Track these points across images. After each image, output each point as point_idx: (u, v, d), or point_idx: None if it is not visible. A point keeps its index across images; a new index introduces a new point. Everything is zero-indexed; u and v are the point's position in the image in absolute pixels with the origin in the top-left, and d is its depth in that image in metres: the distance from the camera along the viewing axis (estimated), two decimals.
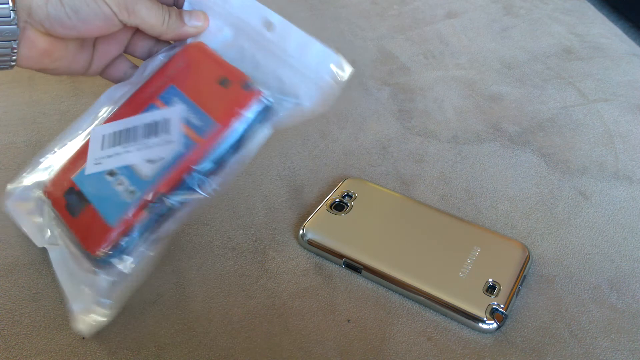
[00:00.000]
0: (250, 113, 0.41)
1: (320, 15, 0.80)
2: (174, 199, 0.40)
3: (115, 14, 0.42)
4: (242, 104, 0.40)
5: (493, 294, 0.42)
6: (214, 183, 0.41)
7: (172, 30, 0.44)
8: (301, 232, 0.47)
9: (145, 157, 0.40)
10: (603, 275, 0.45)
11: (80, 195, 0.42)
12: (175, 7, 0.45)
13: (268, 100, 0.41)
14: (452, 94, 0.65)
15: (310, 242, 0.46)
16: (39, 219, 0.44)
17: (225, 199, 0.51)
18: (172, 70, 0.44)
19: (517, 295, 0.43)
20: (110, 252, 0.39)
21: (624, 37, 0.75)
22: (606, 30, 0.76)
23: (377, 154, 0.57)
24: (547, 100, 0.64)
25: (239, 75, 0.42)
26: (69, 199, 0.42)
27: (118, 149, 0.41)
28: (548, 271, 0.45)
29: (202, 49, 0.44)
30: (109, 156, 0.41)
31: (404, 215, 0.48)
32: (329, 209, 0.49)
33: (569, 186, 0.53)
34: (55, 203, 0.43)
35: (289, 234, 0.48)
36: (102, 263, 0.39)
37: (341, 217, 0.48)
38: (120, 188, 0.40)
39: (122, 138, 0.42)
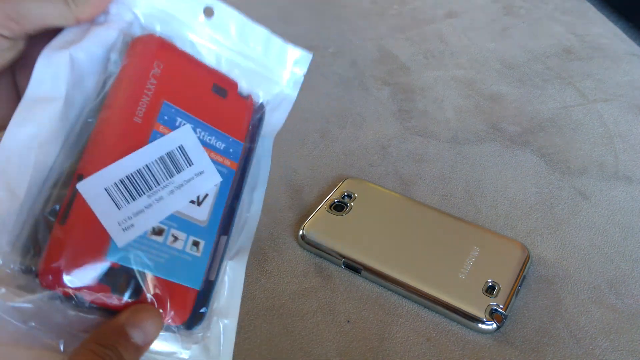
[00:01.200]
0: (256, 124, 0.36)
1: (320, 15, 0.80)
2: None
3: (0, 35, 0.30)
4: (248, 114, 0.35)
5: (492, 294, 0.42)
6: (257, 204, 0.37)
7: (85, 5, 0.31)
8: (301, 232, 0.47)
9: (185, 199, 0.32)
10: (602, 275, 0.45)
11: (128, 271, 0.30)
12: None
13: (263, 106, 0.36)
14: (452, 94, 0.65)
15: (310, 243, 0.46)
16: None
17: None
18: (149, 80, 0.32)
19: (516, 295, 0.43)
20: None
21: (624, 37, 0.75)
22: (606, 30, 0.76)
23: (376, 154, 0.57)
24: (547, 100, 0.64)
25: (227, 80, 0.35)
26: (114, 281, 0.29)
27: (143, 200, 0.30)
28: (547, 271, 0.45)
29: (166, 45, 0.33)
30: (138, 213, 0.30)
31: (403, 216, 0.48)
32: (329, 209, 0.49)
33: (569, 186, 0.53)
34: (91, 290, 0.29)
35: (288, 235, 0.48)
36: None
37: (341, 218, 0.48)
38: (178, 245, 0.31)
39: (137, 185, 0.31)
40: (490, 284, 0.43)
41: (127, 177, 0.30)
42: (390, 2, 0.83)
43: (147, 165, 0.31)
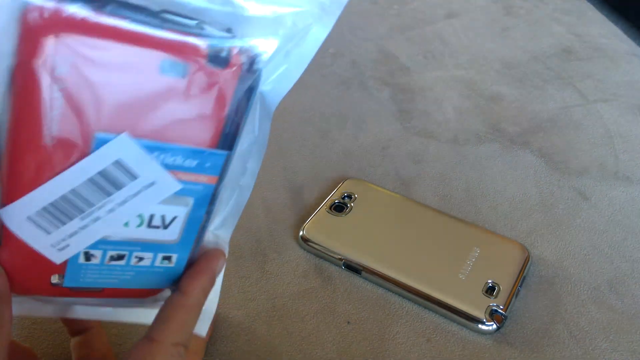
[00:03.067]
0: (239, 102, 0.26)
1: None
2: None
3: None
4: (227, 90, 0.25)
5: (492, 295, 0.42)
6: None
7: None
8: (301, 233, 0.47)
9: (133, 213, 0.27)
10: (602, 276, 0.45)
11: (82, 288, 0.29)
12: None
13: (258, 66, 0.25)
14: (452, 94, 0.65)
15: (310, 244, 0.46)
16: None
17: None
18: (52, 84, 0.22)
19: (516, 296, 0.43)
20: None
21: (624, 37, 0.75)
22: (606, 30, 0.76)
23: (376, 155, 0.57)
24: (547, 101, 0.64)
25: (183, 47, 0.23)
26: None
27: (75, 222, 0.26)
28: (547, 272, 0.45)
29: (68, 22, 0.21)
30: (72, 234, 0.27)
31: (403, 216, 0.48)
32: (329, 210, 0.49)
33: (569, 187, 0.53)
34: (49, 293, 0.29)
35: (288, 235, 0.48)
36: None
37: (341, 218, 0.48)
38: (145, 262, 0.29)
39: (65, 210, 0.26)
40: (490, 284, 0.43)
41: (50, 204, 0.25)
42: (390, 2, 0.83)
43: (73, 190, 0.25)
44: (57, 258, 0.27)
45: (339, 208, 0.49)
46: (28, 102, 0.23)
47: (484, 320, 0.41)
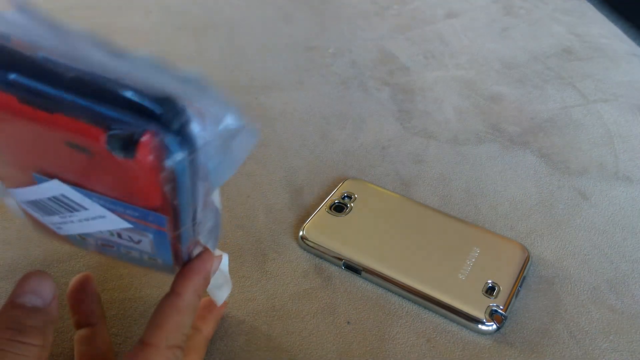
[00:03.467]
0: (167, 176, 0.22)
1: (320, 15, 0.80)
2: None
3: None
4: (147, 187, 0.22)
5: (492, 295, 0.42)
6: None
7: None
8: (301, 233, 0.47)
9: (94, 228, 0.27)
10: (602, 276, 0.45)
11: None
12: None
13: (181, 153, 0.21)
14: (452, 94, 0.65)
15: (310, 244, 0.46)
16: None
17: (224, 200, 0.51)
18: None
19: (516, 296, 0.43)
20: None
21: (624, 37, 0.75)
22: (606, 30, 0.76)
23: (376, 155, 0.57)
24: (547, 101, 0.64)
25: (87, 132, 0.20)
26: None
27: (57, 218, 0.27)
28: (547, 272, 0.45)
29: None
30: (61, 223, 0.28)
31: (403, 216, 0.48)
32: (329, 210, 0.49)
33: (569, 187, 0.53)
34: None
35: (288, 236, 0.48)
36: None
37: (341, 218, 0.48)
38: (135, 255, 0.30)
39: (44, 208, 0.27)
40: (490, 284, 0.43)
41: (31, 201, 0.27)
42: (390, 2, 0.83)
43: (39, 200, 0.26)
44: (59, 232, 0.29)
45: (338, 208, 0.49)
46: None
47: (484, 320, 0.41)
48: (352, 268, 0.45)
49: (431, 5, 0.82)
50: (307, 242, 0.46)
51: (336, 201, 0.49)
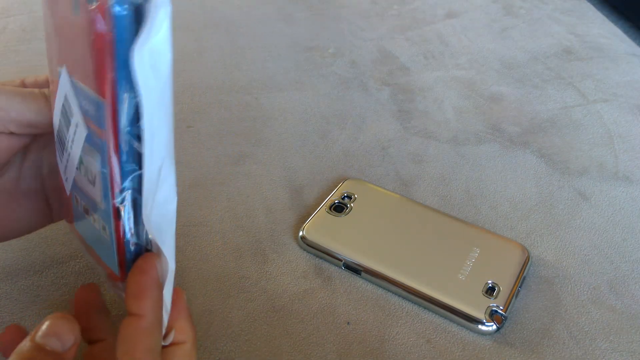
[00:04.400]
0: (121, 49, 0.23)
1: (320, 15, 0.80)
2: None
3: None
4: (101, 39, 0.23)
5: (492, 295, 0.42)
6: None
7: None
8: (301, 233, 0.47)
9: (75, 151, 0.29)
10: (602, 276, 0.45)
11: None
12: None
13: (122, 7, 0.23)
14: (452, 94, 0.65)
15: (310, 244, 0.46)
16: None
17: (224, 200, 0.51)
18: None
19: (516, 296, 0.43)
20: None
21: (624, 37, 0.75)
22: (606, 30, 0.76)
23: (376, 155, 0.57)
24: (547, 101, 0.64)
25: None
26: None
27: (65, 155, 0.31)
28: (547, 272, 0.45)
29: None
30: (65, 168, 0.32)
31: (403, 217, 0.48)
32: (329, 210, 0.49)
33: (569, 187, 0.53)
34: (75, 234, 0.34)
35: (288, 236, 0.48)
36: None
37: (341, 219, 0.48)
38: (97, 225, 0.30)
39: (60, 137, 0.31)
40: (490, 285, 0.43)
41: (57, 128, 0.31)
42: (390, 2, 0.83)
43: (62, 105, 0.29)
44: (67, 189, 0.31)
45: (338, 208, 0.49)
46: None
47: (484, 320, 0.41)
48: (352, 268, 0.45)
49: (431, 5, 0.82)
50: (307, 242, 0.46)
51: (336, 201, 0.49)
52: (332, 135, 0.59)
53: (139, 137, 0.25)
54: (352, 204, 0.49)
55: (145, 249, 0.29)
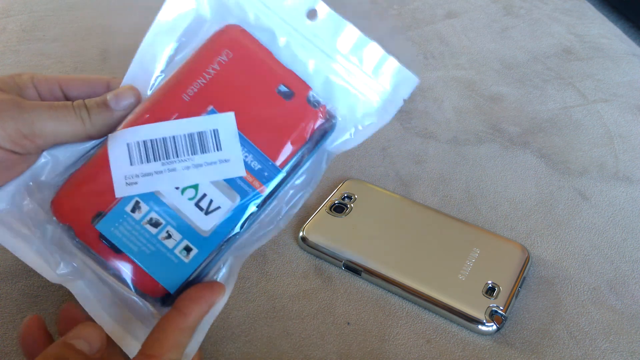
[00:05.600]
0: (313, 141, 0.33)
1: None
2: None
3: (11, 151, 0.31)
4: (309, 125, 0.33)
5: (492, 296, 0.42)
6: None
7: (100, 125, 0.33)
8: (301, 234, 0.47)
9: (197, 179, 0.32)
10: (602, 276, 0.45)
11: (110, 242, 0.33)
12: (90, 98, 0.34)
13: (335, 121, 0.34)
14: (452, 94, 0.65)
15: (310, 244, 0.46)
16: (44, 246, 0.33)
17: None
18: (212, 64, 0.33)
19: (516, 297, 0.43)
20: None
21: (624, 37, 0.75)
22: (606, 30, 0.76)
23: (376, 155, 0.57)
24: (547, 101, 0.64)
25: (299, 83, 0.33)
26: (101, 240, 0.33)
27: (156, 165, 0.32)
28: (547, 272, 0.45)
29: (243, 36, 0.33)
30: (146, 175, 0.32)
31: (403, 217, 0.48)
32: (329, 211, 0.49)
33: (569, 187, 0.53)
34: (80, 232, 0.33)
35: (288, 236, 0.48)
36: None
37: (341, 219, 0.48)
38: (169, 243, 0.32)
39: (157, 150, 0.32)
40: (490, 285, 0.43)
41: (150, 140, 0.32)
42: (390, 2, 0.83)
43: (173, 137, 0.32)
44: (120, 191, 0.32)
45: (338, 209, 0.49)
46: (191, 68, 0.33)
47: (484, 321, 0.41)
48: (352, 269, 0.45)
49: (431, 5, 0.82)
50: (307, 242, 0.46)
51: (336, 202, 0.49)
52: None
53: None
54: (352, 205, 0.49)
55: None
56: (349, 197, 0.50)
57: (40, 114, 0.31)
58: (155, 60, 0.34)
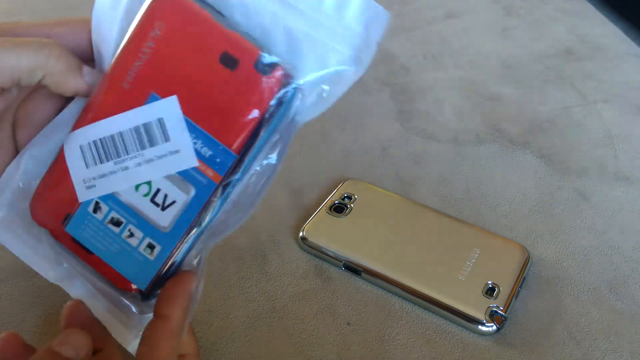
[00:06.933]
0: (270, 114, 0.28)
1: None
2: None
3: None
4: (261, 96, 0.28)
5: (492, 296, 0.42)
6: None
7: (64, 66, 0.30)
8: (301, 234, 0.47)
9: (152, 175, 0.30)
10: (602, 276, 0.45)
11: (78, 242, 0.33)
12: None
13: (295, 85, 0.28)
14: (452, 94, 0.65)
15: (310, 245, 0.46)
16: (40, 246, 0.33)
17: None
18: (147, 42, 0.29)
19: (516, 297, 0.43)
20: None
21: (624, 37, 0.75)
22: (606, 30, 0.76)
23: (376, 155, 0.57)
24: (547, 101, 0.64)
25: (245, 48, 0.28)
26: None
27: (109, 165, 0.31)
28: (547, 273, 0.45)
29: (176, 4, 0.29)
30: (102, 176, 0.31)
31: (403, 217, 0.48)
32: (329, 211, 0.49)
33: (569, 187, 0.53)
34: (56, 234, 0.33)
35: (288, 237, 0.48)
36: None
37: (341, 219, 0.48)
38: (133, 241, 0.31)
39: (107, 150, 0.31)
40: (490, 285, 0.43)
41: (100, 139, 0.30)
42: (391, 2, 0.83)
43: (120, 133, 0.30)
44: (82, 195, 0.31)
45: (338, 209, 0.49)
46: (125, 52, 0.30)
47: (484, 321, 0.41)
48: (352, 269, 0.45)
49: (431, 5, 0.82)
50: (307, 243, 0.46)
51: (336, 202, 0.49)
52: (332, 136, 0.59)
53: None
54: (352, 205, 0.49)
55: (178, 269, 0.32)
56: (349, 197, 0.50)
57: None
58: (106, 41, 0.31)
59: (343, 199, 0.50)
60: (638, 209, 0.51)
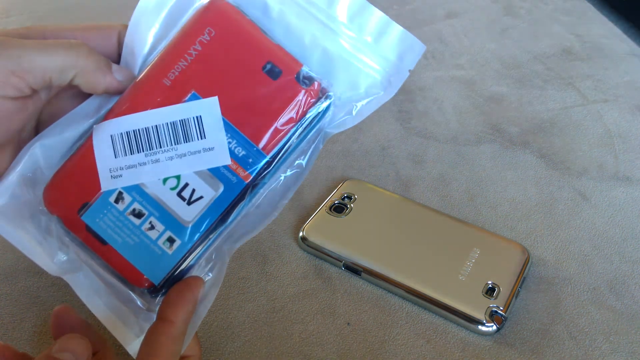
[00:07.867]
0: (305, 123, 0.31)
1: None
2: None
3: (3, 96, 0.29)
4: (297, 109, 0.31)
5: (492, 296, 0.42)
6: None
7: (94, 64, 0.30)
8: (301, 234, 0.47)
9: (182, 169, 0.31)
10: (602, 276, 0.45)
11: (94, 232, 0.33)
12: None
13: (330, 100, 0.31)
14: (452, 94, 0.65)
15: (310, 245, 0.46)
16: (42, 237, 0.33)
17: None
18: (194, 45, 0.31)
19: (516, 297, 0.43)
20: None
21: (624, 37, 0.75)
22: (606, 30, 0.76)
23: (376, 155, 0.57)
24: (547, 101, 0.64)
25: (288, 61, 0.31)
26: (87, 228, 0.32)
27: (139, 157, 0.31)
28: (547, 273, 0.45)
29: (228, 12, 0.31)
30: (130, 167, 0.32)
31: (403, 217, 0.48)
32: (329, 211, 0.49)
33: (569, 187, 0.53)
34: (68, 223, 0.32)
35: (288, 237, 0.48)
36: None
37: (341, 219, 0.48)
38: (152, 234, 0.32)
39: (140, 142, 0.32)
40: (490, 285, 0.43)
41: (133, 131, 0.31)
42: (390, 2, 0.83)
43: (156, 126, 0.31)
44: (106, 184, 0.31)
45: (338, 209, 0.49)
46: (171, 51, 0.31)
47: (484, 321, 0.41)
48: (352, 269, 0.45)
49: (431, 5, 0.82)
50: (307, 243, 0.46)
51: (336, 202, 0.49)
52: (332, 136, 0.59)
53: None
54: (352, 205, 0.49)
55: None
56: (349, 197, 0.50)
57: (27, 48, 0.29)
58: (141, 42, 0.32)
59: (343, 199, 0.50)
60: (638, 208, 0.51)
